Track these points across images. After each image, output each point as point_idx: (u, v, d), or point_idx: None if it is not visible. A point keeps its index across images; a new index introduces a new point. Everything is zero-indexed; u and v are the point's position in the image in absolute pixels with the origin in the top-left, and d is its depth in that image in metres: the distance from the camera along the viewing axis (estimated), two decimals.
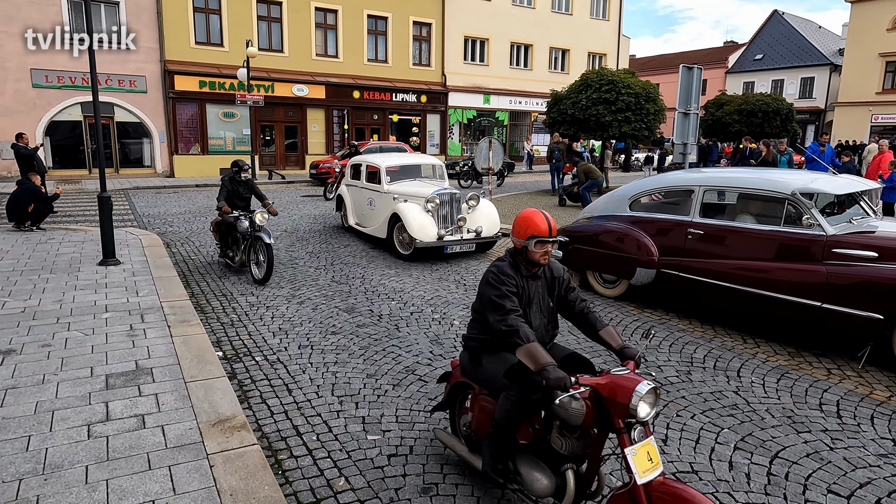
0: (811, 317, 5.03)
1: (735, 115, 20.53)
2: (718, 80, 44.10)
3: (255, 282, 7.19)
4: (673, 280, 6.06)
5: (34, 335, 5.03)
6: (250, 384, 4.47)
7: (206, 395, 4.02)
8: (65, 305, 5.90)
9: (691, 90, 9.07)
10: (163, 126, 21.64)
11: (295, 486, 3.21)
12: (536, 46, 30.51)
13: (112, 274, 7.20)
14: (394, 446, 3.63)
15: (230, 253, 7.80)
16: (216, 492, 2.96)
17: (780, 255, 5.30)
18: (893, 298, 4.53)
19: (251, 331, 5.65)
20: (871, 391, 4.50)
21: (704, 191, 5.95)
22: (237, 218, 7.40)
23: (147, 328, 5.29)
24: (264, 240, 7.01)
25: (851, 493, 3.22)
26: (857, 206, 5.73)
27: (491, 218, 9.07)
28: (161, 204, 14.96)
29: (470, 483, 3.25)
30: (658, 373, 4.78)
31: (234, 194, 7.64)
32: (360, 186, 10.25)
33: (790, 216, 5.29)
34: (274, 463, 3.41)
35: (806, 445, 3.70)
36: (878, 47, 32.37)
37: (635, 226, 6.48)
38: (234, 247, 7.70)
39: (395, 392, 4.36)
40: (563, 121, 16.65)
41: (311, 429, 3.82)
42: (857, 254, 4.85)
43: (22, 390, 4.00)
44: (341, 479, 3.28)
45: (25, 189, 10.01)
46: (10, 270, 7.20)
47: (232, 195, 7.63)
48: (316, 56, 24.21)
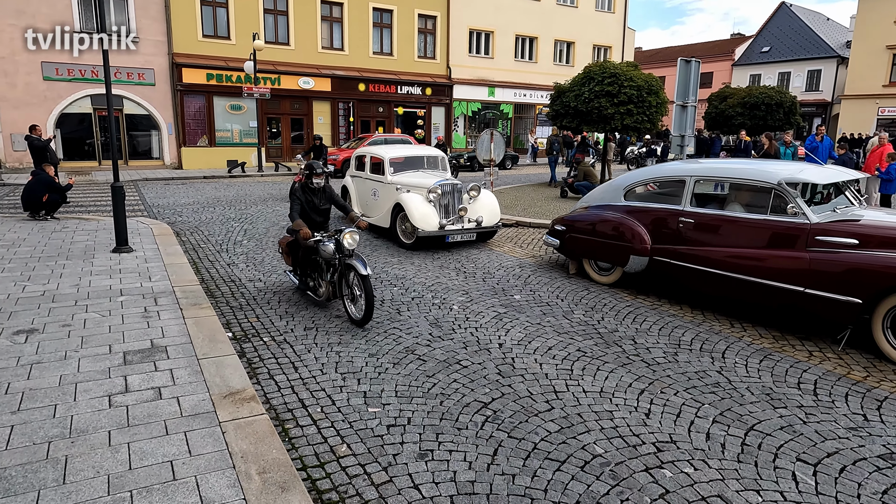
0: (795, 302, 5.24)
1: (738, 107, 20.59)
2: (725, 73, 44.00)
3: (352, 322, 5.57)
4: (664, 267, 6.27)
5: (54, 316, 5.31)
6: (259, 362, 4.73)
7: (217, 370, 4.28)
8: (82, 289, 6.18)
9: (689, 83, 9.23)
10: (171, 118, 21.93)
11: (300, 451, 3.47)
12: (541, 39, 30.57)
13: (125, 260, 7.48)
14: (392, 418, 3.88)
15: (311, 283, 6.18)
16: (228, 454, 3.23)
17: (766, 242, 5.51)
18: (871, 283, 4.73)
19: (259, 314, 5.91)
20: (849, 371, 4.71)
21: (695, 181, 6.15)
22: (319, 242, 5.71)
23: (160, 310, 5.57)
24: (359, 270, 5.30)
25: (819, 461, 3.45)
26: (843, 196, 5.91)
27: (491, 208, 9.29)
28: (170, 195, 15.25)
29: (463, 449, 3.50)
30: (646, 353, 5.01)
31: (309, 206, 5.99)
32: (364, 177, 10.48)
33: (776, 205, 5.49)
34: (281, 431, 3.67)
35: (781, 419, 3.93)
36: (885, 40, 32.22)
37: (629, 215, 6.69)
38: (316, 275, 6.06)
39: (395, 370, 4.62)
40: (565, 113, 16.78)
41: (316, 402, 4.08)
42: (838, 241, 5.05)
43: (46, 365, 4.28)
44: (343, 446, 3.54)
45: (40, 180, 10.31)
46: (28, 257, 7.49)
47: (307, 208, 5.98)
48: (322, 49, 24.40)
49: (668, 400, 4.18)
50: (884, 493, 3.16)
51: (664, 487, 3.16)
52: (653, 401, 4.16)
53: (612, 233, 6.74)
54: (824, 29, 41.20)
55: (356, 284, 5.51)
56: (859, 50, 33.48)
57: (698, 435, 3.72)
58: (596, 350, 5.08)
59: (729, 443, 3.63)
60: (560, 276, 7.49)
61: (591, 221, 7.05)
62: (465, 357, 4.88)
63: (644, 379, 4.52)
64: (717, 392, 4.32)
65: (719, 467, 3.37)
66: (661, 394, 4.27)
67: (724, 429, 3.80)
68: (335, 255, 5.61)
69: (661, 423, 3.85)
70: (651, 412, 4.00)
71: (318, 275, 6.01)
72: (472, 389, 4.29)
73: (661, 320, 5.87)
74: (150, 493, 2.86)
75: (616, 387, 4.37)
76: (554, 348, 5.10)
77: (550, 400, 4.15)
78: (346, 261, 5.50)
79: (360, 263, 5.36)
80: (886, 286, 4.67)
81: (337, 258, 5.62)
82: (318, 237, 5.71)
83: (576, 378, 4.52)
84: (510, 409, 4.00)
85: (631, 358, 4.93)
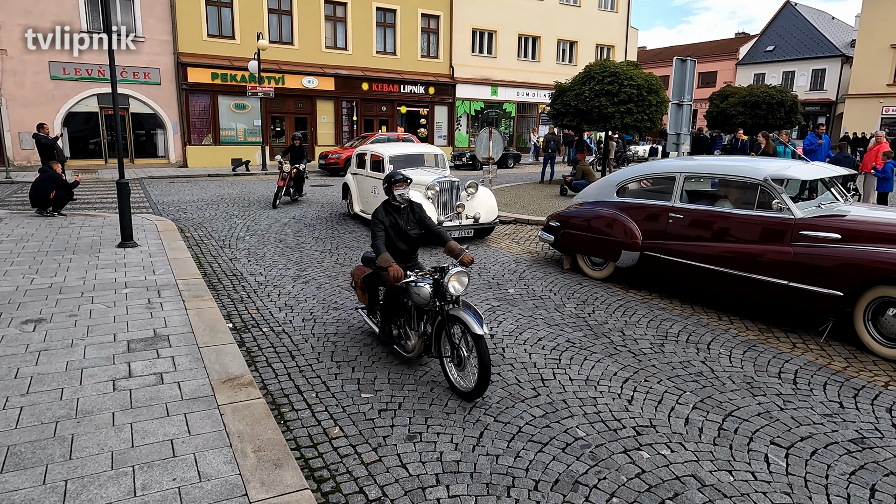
0: (780, 295, 5.37)
1: (739, 106, 20.66)
2: (729, 72, 43.96)
3: (454, 391, 4.13)
4: (654, 262, 6.41)
5: (61, 307, 5.50)
6: (257, 351, 4.91)
7: (217, 358, 4.46)
8: (88, 282, 6.37)
9: (685, 82, 9.35)
10: (176, 117, 22.17)
11: (295, 433, 3.64)
12: (544, 38, 30.67)
13: (130, 255, 7.67)
14: (384, 403, 4.05)
15: (395, 332, 4.66)
16: (226, 434, 3.40)
17: (753, 237, 5.64)
18: (852, 277, 4.86)
19: (259, 306, 6.09)
20: (830, 362, 4.84)
21: (685, 177, 6.29)
22: (412, 283, 4.22)
23: (163, 302, 5.75)
24: (471, 327, 3.84)
25: (792, 444, 3.59)
26: (828, 192, 6.04)
27: (489, 205, 9.44)
28: (175, 192, 15.47)
29: (450, 432, 3.66)
30: (633, 345, 5.15)
31: (393, 231, 4.56)
32: (364, 175, 10.65)
33: (763, 201, 5.62)
34: (277, 414, 3.84)
35: (759, 406, 4.07)
36: (889, 39, 32.16)
37: (622, 211, 6.83)
38: (404, 321, 4.60)
39: (388, 359, 4.78)
40: (566, 112, 16.92)
41: (311, 388, 4.25)
42: (821, 235, 5.18)
43: (53, 352, 4.46)
44: (335, 428, 3.70)
45: (47, 177, 10.53)
46: (36, 251, 7.69)
47: (391, 233, 4.54)
48: (325, 48, 24.59)
49: (651, 388, 4.32)
50: (851, 474, 3.29)
51: (640, 468, 3.31)
52: (636, 388, 4.31)
53: (604, 229, 6.88)
54: (829, 28, 41.10)
55: (463, 344, 4.07)
56: (863, 49, 33.42)
57: (677, 420, 3.86)
58: (584, 341, 5.23)
59: (706, 427, 3.78)
60: (554, 272, 7.64)
61: (584, 217, 7.20)
62: None
63: (629, 368, 4.66)
64: (699, 381, 4.46)
65: (695, 450, 3.51)
66: (645, 382, 4.42)
67: (703, 415, 3.94)
68: (433, 302, 4.17)
69: (643, 410, 4.00)
70: (633, 399, 4.15)
71: (404, 321, 4.59)
72: None
73: (650, 313, 6.01)
74: (151, 468, 3.03)
75: (601, 375, 4.52)
76: (544, 339, 5.25)
77: (537, 387, 4.31)
78: (451, 311, 4.04)
79: (471, 317, 3.91)
80: (867, 279, 4.80)
81: (437, 306, 4.16)
82: (413, 278, 4.21)
83: (563, 367, 4.67)
84: (497, 396, 4.15)
85: (618, 349, 5.08)
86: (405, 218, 4.63)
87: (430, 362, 4.70)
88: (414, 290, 4.21)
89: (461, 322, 3.96)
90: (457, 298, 4.11)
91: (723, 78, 42.79)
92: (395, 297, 4.49)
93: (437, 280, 4.15)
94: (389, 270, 4.14)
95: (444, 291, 4.06)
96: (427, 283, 4.16)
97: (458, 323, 4.02)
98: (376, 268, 4.51)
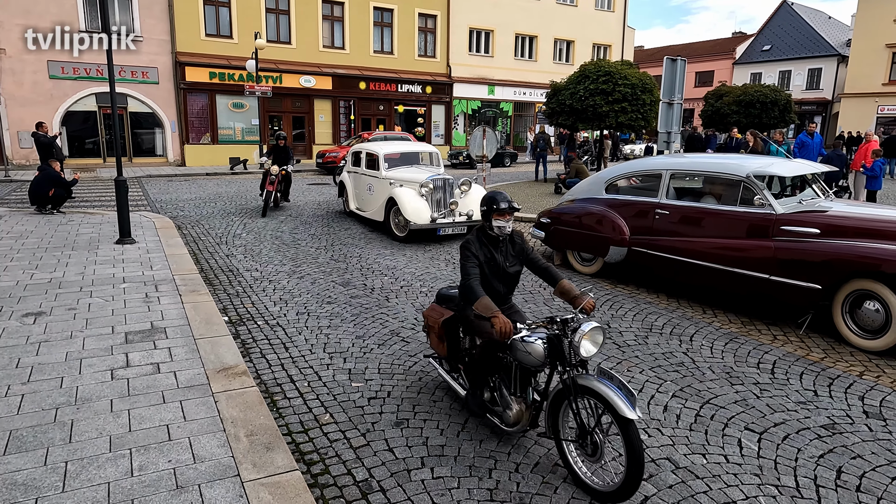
0: (761, 288, 5.51)
1: (734, 105, 20.82)
2: (726, 71, 44.11)
3: (580, 484, 3.10)
4: (641, 257, 6.55)
5: (61, 301, 5.63)
6: (252, 343, 5.04)
7: (212, 349, 4.59)
8: (86, 277, 6.50)
9: (675, 81, 9.50)
10: (174, 116, 22.28)
11: (287, 420, 3.77)
12: (541, 38, 30.81)
13: (128, 251, 7.80)
14: (374, 391, 4.18)
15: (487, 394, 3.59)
16: (220, 419, 3.53)
17: (736, 232, 5.78)
18: (829, 270, 5.00)
19: (254, 300, 6.22)
20: (808, 353, 4.99)
21: (671, 174, 6.43)
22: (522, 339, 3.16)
23: (161, 296, 5.88)
24: (618, 408, 2.81)
25: (765, 429, 3.73)
26: (809, 189, 6.18)
27: None
28: (173, 191, 15.59)
29: (436, 419, 3.80)
30: (618, 337, 5.29)
31: (489, 267, 3.51)
32: (360, 173, 10.79)
33: (745, 197, 5.76)
34: (269, 402, 3.98)
35: (736, 394, 4.21)
36: (885, 38, 32.32)
37: (610, 208, 6.97)
38: (498, 381, 3.51)
39: (379, 350, 4.92)
40: (561, 111, 17.07)
41: (304, 378, 4.39)
42: (801, 230, 5.32)
43: (53, 343, 4.59)
44: (326, 415, 3.84)
45: (46, 175, 10.65)
46: (36, 248, 7.82)
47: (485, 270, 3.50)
48: (323, 48, 24.71)
49: (633, 377, 4.46)
50: (820, 457, 3.44)
51: (617, 451, 3.45)
52: None
53: (593, 225, 7.02)
54: (825, 27, 41.28)
55: (598, 426, 3.01)
56: (859, 48, 33.60)
57: (656, 407, 4.00)
58: None
59: (684, 414, 3.92)
60: None
61: (574, 214, 7.34)
62: None
63: (613, 359, 4.80)
64: (679, 370, 4.60)
65: (672, 434, 3.66)
66: (628, 372, 4.56)
67: (682, 402, 4.08)
68: (546, 363, 3.13)
69: None
70: None
71: (499, 381, 3.49)
72: None
73: (636, 307, 6.15)
74: (148, 451, 3.17)
75: None
76: None
77: None
78: (581, 380, 3.00)
79: (615, 392, 2.86)
80: (844, 273, 4.94)
81: (559, 371, 3.12)
82: (525, 332, 3.15)
83: None
84: None
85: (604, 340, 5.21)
86: (503, 252, 3.57)
87: (418, 353, 4.83)
88: (522, 349, 3.13)
89: (598, 397, 2.90)
90: (585, 362, 3.08)
91: (720, 77, 42.94)
92: (491, 353, 3.42)
93: (555, 335, 3.09)
94: (494, 322, 3.09)
95: (570, 352, 3.02)
96: (539, 337, 3.11)
97: (591, 396, 2.97)
98: (475, 316, 3.42)
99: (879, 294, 4.83)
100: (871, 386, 4.37)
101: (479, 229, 3.61)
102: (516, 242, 3.63)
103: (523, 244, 3.67)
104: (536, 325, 3.22)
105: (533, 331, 3.17)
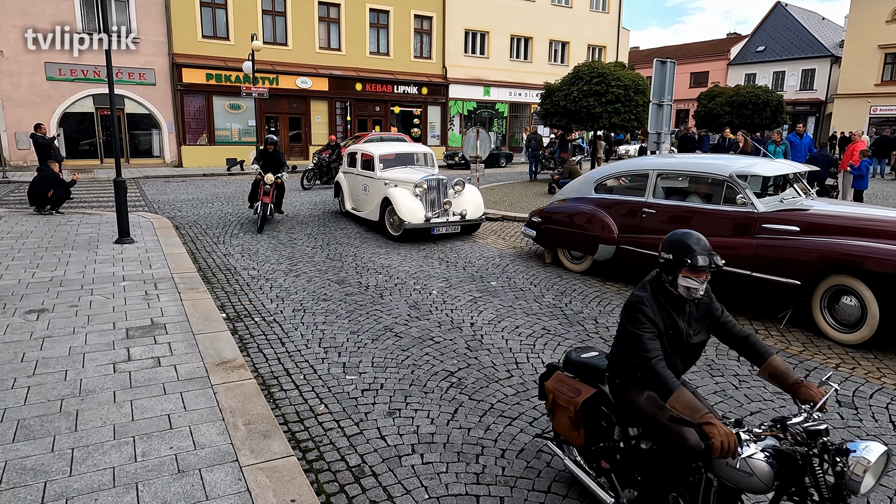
0: (743, 284, 5.68)
1: (726, 106, 21.04)
2: (720, 72, 44.37)
3: None
4: (629, 255, 6.73)
5: (63, 298, 5.77)
6: (249, 338, 5.19)
7: (211, 343, 4.74)
8: (87, 275, 6.64)
9: (665, 83, 9.68)
10: (171, 117, 22.38)
11: (283, 410, 3.93)
12: (536, 39, 30.99)
13: (127, 250, 7.94)
14: (367, 384, 4.34)
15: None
16: (219, 409, 3.68)
17: (720, 230, 5.95)
18: (807, 266, 5.18)
19: (252, 298, 6.37)
20: (788, 346, 5.16)
21: (657, 174, 6.60)
22: None
23: (160, 294, 6.03)
24: None
25: (741, 418, 3.89)
26: (791, 188, 6.36)
27: (475, 202, 9.75)
28: (170, 191, 15.71)
29: (427, 409, 3.96)
30: (605, 331, 5.46)
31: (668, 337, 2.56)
32: (355, 173, 10.94)
33: (728, 196, 5.94)
34: (266, 394, 4.13)
35: (716, 385, 4.39)
36: (877, 39, 32.59)
37: (600, 207, 7.14)
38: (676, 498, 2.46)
39: (373, 345, 5.07)
40: (555, 112, 17.25)
41: (299, 371, 4.54)
42: (781, 228, 5.50)
43: (56, 339, 4.74)
44: (321, 405, 4.00)
45: (45, 176, 10.77)
46: (36, 247, 7.95)
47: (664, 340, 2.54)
48: (319, 49, 24.85)
49: None
50: None
51: None
52: None
53: (582, 224, 7.19)
54: (819, 28, 41.58)
55: None
56: (852, 49, 33.87)
57: None
58: (559, 329, 5.53)
59: None
60: (536, 265, 7.94)
61: (564, 213, 7.51)
62: (438, 334, 5.33)
63: None
64: None
65: None
66: None
67: None
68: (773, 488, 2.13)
69: None
70: None
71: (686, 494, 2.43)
72: (441, 361, 4.75)
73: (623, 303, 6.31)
74: (150, 439, 3.32)
75: None
76: (521, 327, 5.55)
77: (511, 369, 4.61)
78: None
79: None
80: (821, 268, 5.12)
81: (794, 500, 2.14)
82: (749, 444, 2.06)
83: (537, 352, 4.97)
84: (473, 377, 4.45)
85: (591, 335, 5.38)
86: (686, 316, 2.60)
87: (411, 348, 4.99)
88: (736, 473, 2.11)
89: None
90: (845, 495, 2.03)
91: (715, 78, 43.19)
92: (680, 466, 2.39)
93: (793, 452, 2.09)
94: (710, 434, 2.05)
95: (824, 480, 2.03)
96: (766, 452, 2.11)
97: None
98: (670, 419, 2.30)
99: (856, 290, 5.00)
100: (846, 377, 4.55)
101: (655, 282, 2.61)
102: (702, 301, 2.62)
103: (711, 303, 2.65)
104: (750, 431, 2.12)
105: (751, 439, 2.08)
